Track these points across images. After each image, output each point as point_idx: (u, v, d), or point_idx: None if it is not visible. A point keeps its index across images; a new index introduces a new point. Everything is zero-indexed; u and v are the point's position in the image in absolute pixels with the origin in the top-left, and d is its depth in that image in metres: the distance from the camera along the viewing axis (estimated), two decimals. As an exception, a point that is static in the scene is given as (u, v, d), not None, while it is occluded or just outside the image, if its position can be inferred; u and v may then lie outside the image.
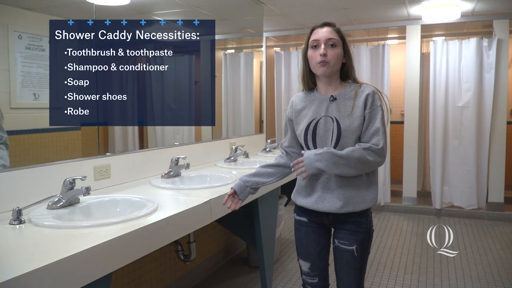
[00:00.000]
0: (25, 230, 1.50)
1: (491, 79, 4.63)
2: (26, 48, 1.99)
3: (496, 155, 4.72)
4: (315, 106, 1.69)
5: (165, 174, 2.51)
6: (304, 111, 1.72)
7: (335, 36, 1.64)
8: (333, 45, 1.63)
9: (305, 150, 1.69)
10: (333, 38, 1.63)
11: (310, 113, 1.69)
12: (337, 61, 1.65)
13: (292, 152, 1.80)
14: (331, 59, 1.62)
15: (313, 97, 1.72)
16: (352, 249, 1.67)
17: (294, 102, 1.78)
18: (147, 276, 2.54)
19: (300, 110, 1.73)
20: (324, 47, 1.62)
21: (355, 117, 1.62)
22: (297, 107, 1.75)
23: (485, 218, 4.76)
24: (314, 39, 1.65)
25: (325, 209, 1.67)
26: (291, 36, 5.72)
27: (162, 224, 1.64)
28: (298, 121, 1.73)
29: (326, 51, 1.62)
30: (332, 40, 1.63)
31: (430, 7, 4.37)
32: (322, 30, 1.65)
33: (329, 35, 1.63)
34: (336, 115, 1.64)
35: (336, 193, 1.65)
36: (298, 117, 1.73)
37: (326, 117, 1.65)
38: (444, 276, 3.19)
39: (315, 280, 1.78)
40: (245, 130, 4.33)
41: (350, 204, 1.65)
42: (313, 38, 1.66)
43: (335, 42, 1.63)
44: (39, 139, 2.07)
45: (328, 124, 1.64)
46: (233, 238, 3.63)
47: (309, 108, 1.71)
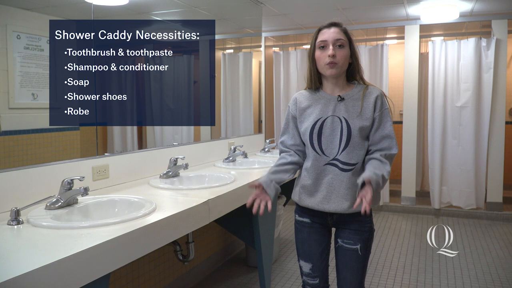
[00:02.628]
0: (23, 230, 1.50)
1: (490, 79, 4.63)
2: (24, 48, 1.99)
3: (495, 155, 4.73)
4: (321, 105, 1.68)
5: (163, 174, 2.51)
6: (309, 110, 1.70)
7: (342, 37, 1.63)
8: (341, 45, 1.63)
9: (310, 150, 1.67)
10: (341, 38, 1.63)
11: (316, 112, 1.68)
12: (345, 61, 1.65)
13: (298, 150, 1.76)
14: (340, 60, 1.62)
15: (319, 96, 1.70)
16: (357, 248, 1.67)
17: (298, 99, 1.75)
18: (146, 276, 2.54)
19: (304, 108, 1.71)
20: (333, 48, 1.61)
21: (365, 118, 1.63)
22: (302, 105, 1.72)
23: (484, 218, 4.77)
24: (321, 40, 1.64)
25: (331, 209, 1.66)
26: (290, 36, 5.72)
27: (161, 225, 1.64)
28: (303, 119, 1.71)
29: (335, 52, 1.61)
30: (340, 40, 1.62)
31: (429, 7, 4.38)
32: (330, 31, 1.64)
33: (337, 36, 1.63)
34: (345, 115, 1.64)
35: (342, 193, 1.65)
36: (302, 115, 1.71)
37: (333, 117, 1.65)
38: (442, 275, 3.19)
39: (316, 281, 1.77)
40: (244, 130, 4.33)
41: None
42: (321, 38, 1.64)
43: (343, 43, 1.63)
44: (37, 139, 2.07)
45: (335, 124, 1.64)
46: (232, 238, 3.63)
47: (314, 106, 1.69)
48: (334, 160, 1.65)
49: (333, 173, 1.65)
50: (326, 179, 1.66)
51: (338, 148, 1.64)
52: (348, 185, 1.64)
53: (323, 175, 1.67)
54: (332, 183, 1.65)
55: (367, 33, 5.34)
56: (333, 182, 1.65)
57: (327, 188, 1.66)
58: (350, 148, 1.62)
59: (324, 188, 1.67)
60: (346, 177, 1.64)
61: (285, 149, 1.78)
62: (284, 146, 1.79)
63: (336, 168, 1.65)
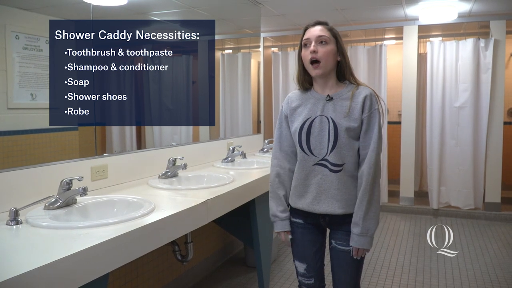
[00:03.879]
0: (22, 230, 1.50)
1: (488, 80, 4.64)
2: (23, 48, 1.99)
3: (493, 155, 4.74)
4: (311, 105, 1.67)
5: (162, 174, 2.51)
6: (299, 109, 1.69)
7: (326, 33, 1.62)
8: (323, 42, 1.61)
9: (298, 150, 1.67)
10: (323, 35, 1.62)
11: (305, 112, 1.67)
12: (328, 58, 1.62)
13: (292, 152, 1.74)
14: (322, 56, 1.60)
15: (309, 96, 1.70)
16: (349, 250, 1.66)
17: (290, 99, 1.75)
18: (144, 276, 2.54)
19: (295, 108, 1.71)
20: (314, 44, 1.61)
21: (353, 118, 1.61)
22: (293, 104, 1.72)
23: (482, 218, 4.78)
24: (305, 38, 1.65)
25: (322, 210, 1.66)
26: (288, 36, 5.73)
27: (159, 225, 1.65)
28: (293, 119, 1.70)
29: (316, 48, 1.60)
30: (322, 37, 1.61)
31: (427, 8, 4.38)
32: (314, 29, 1.64)
33: (319, 33, 1.62)
34: (332, 115, 1.62)
35: (332, 193, 1.64)
36: (293, 114, 1.71)
37: (322, 117, 1.63)
38: (441, 276, 3.20)
39: (311, 281, 1.77)
40: (243, 130, 4.33)
41: (348, 205, 1.64)
42: (305, 37, 1.65)
43: (325, 39, 1.62)
44: (36, 139, 2.07)
45: (323, 124, 1.63)
46: (231, 238, 3.63)
47: (304, 106, 1.68)
48: (323, 161, 1.63)
49: (322, 174, 1.64)
50: (315, 179, 1.65)
51: (327, 149, 1.62)
52: (337, 186, 1.63)
53: (312, 176, 1.65)
54: (322, 184, 1.64)
55: (365, 34, 5.35)
56: (322, 182, 1.64)
57: (317, 189, 1.65)
58: (337, 149, 1.61)
59: (313, 188, 1.66)
60: (335, 178, 1.62)
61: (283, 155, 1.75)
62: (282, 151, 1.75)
63: (326, 169, 1.63)
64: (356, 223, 1.61)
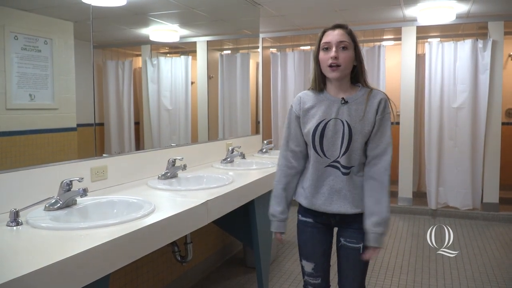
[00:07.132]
0: (22, 231, 1.50)
1: (486, 80, 4.66)
2: (22, 49, 1.98)
3: (491, 156, 4.75)
4: (325, 107, 1.66)
5: (162, 175, 2.51)
6: (313, 111, 1.68)
7: (346, 39, 1.61)
8: (344, 47, 1.61)
9: (312, 151, 1.68)
10: (344, 40, 1.61)
11: (319, 113, 1.66)
12: (348, 64, 1.62)
13: (301, 152, 1.75)
14: (343, 62, 1.60)
15: (323, 97, 1.68)
16: (359, 247, 1.68)
17: (302, 99, 1.72)
18: (144, 277, 2.54)
19: (308, 109, 1.69)
20: (336, 49, 1.60)
21: (367, 122, 1.62)
22: (306, 105, 1.70)
23: (480, 218, 4.79)
24: (325, 41, 1.62)
25: (335, 210, 1.67)
26: (287, 37, 5.73)
27: (159, 226, 1.64)
28: (306, 120, 1.69)
29: (338, 53, 1.60)
30: (343, 42, 1.60)
31: (426, 9, 4.39)
32: (334, 33, 1.62)
33: (340, 38, 1.61)
34: (347, 118, 1.62)
35: (344, 194, 1.66)
36: (306, 116, 1.70)
37: (336, 120, 1.63)
38: (439, 276, 3.21)
39: (318, 280, 1.78)
40: (242, 131, 4.33)
41: (358, 205, 1.66)
42: (325, 40, 1.63)
43: (346, 45, 1.61)
44: (35, 140, 2.07)
45: (338, 127, 1.63)
46: (230, 238, 3.63)
47: (318, 108, 1.67)
48: (335, 162, 1.65)
49: (334, 175, 1.66)
50: (327, 180, 1.67)
51: (340, 151, 1.63)
52: (348, 187, 1.66)
53: (324, 177, 1.67)
54: (334, 185, 1.66)
55: (364, 35, 5.36)
56: (334, 183, 1.66)
57: (329, 189, 1.67)
58: (349, 152, 1.63)
59: (326, 189, 1.68)
60: (346, 179, 1.65)
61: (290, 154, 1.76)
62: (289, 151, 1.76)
63: (338, 170, 1.66)
64: (378, 223, 1.61)
